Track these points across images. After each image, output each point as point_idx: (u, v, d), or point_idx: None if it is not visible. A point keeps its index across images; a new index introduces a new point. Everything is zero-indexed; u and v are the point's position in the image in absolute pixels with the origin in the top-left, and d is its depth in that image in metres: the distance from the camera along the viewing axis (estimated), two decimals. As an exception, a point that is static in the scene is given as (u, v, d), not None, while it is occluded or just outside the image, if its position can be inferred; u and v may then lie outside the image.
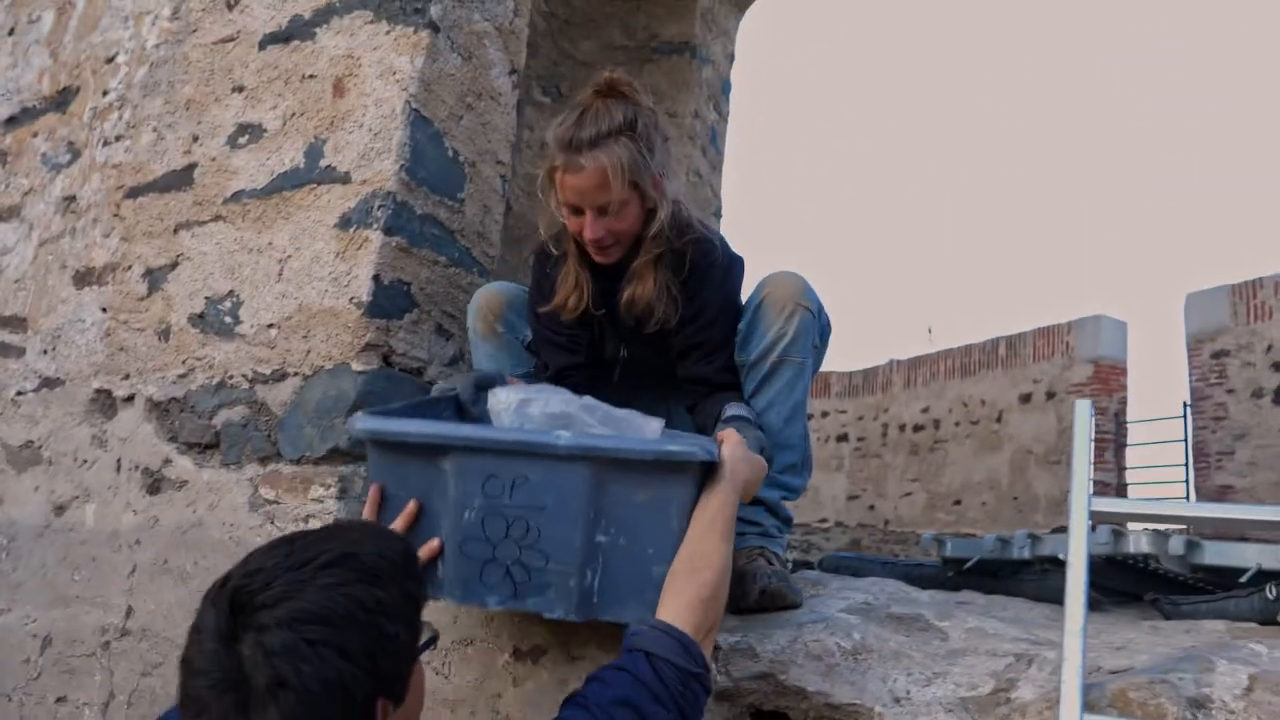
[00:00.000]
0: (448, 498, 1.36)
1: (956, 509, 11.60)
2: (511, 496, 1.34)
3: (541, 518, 1.34)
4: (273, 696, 0.86)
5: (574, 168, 1.63)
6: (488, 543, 1.35)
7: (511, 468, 1.34)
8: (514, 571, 1.36)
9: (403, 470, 1.38)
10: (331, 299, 2.00)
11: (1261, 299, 9.33)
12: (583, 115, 1.65)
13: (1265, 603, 1.99)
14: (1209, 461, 9.47)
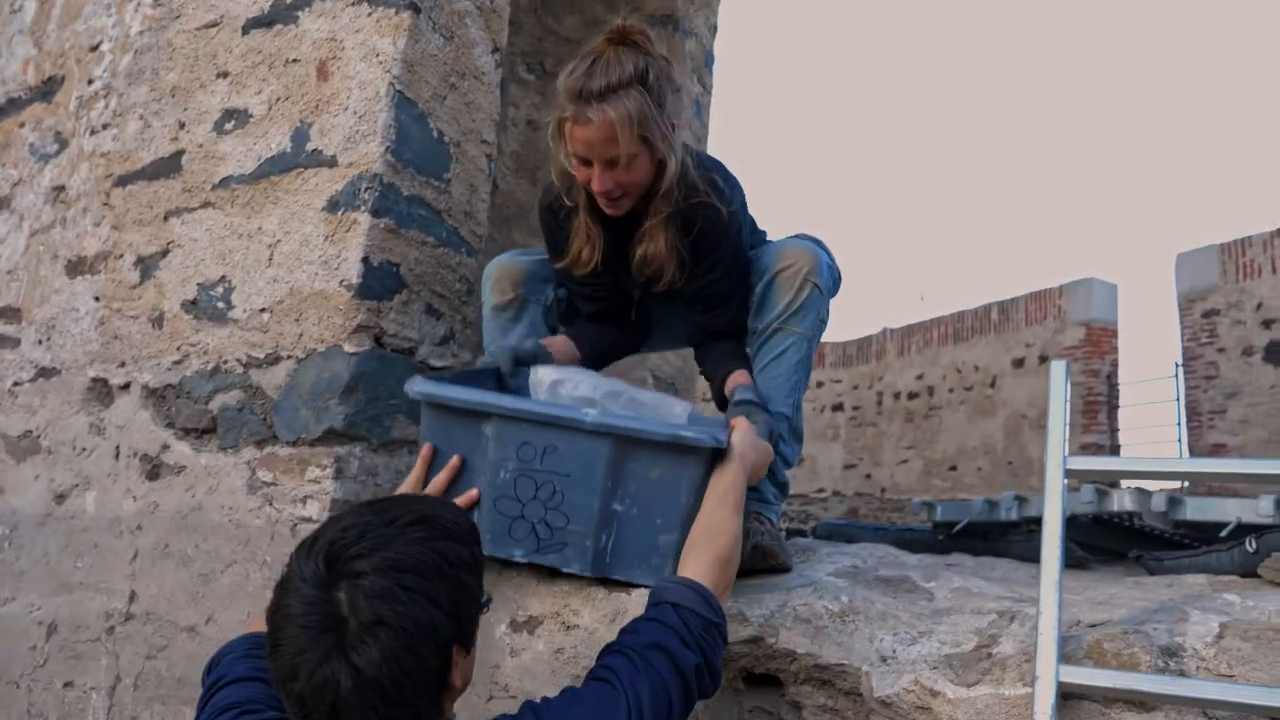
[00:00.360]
0: (487, 458, 1.53)
1: (952, 475, 11.68)
2: (542, 462, 1.51)
3: (566, 483, 1.51)
4: (373, 634, 0.94)
5: (583, 120, 1.63)
6: (518, 501, 1.53)
7: (543, 436, 1.50)
8: (539, 529, 1.54)
9: (451, 431, 1.56)
10: (322, 282, 2.02)
11: (1250, 257, 9.36)
12: (594, 64, 1.64)
13: (1245, 555, 2.03)
14: (1201, 421, 9.54)
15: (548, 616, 1.58)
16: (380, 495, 1.97)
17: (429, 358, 2.10)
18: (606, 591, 1.55)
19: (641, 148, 1.67)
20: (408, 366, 2.05)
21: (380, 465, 1.98)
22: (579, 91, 1.63)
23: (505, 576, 1.65)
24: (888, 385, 12.95)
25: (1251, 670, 1.18)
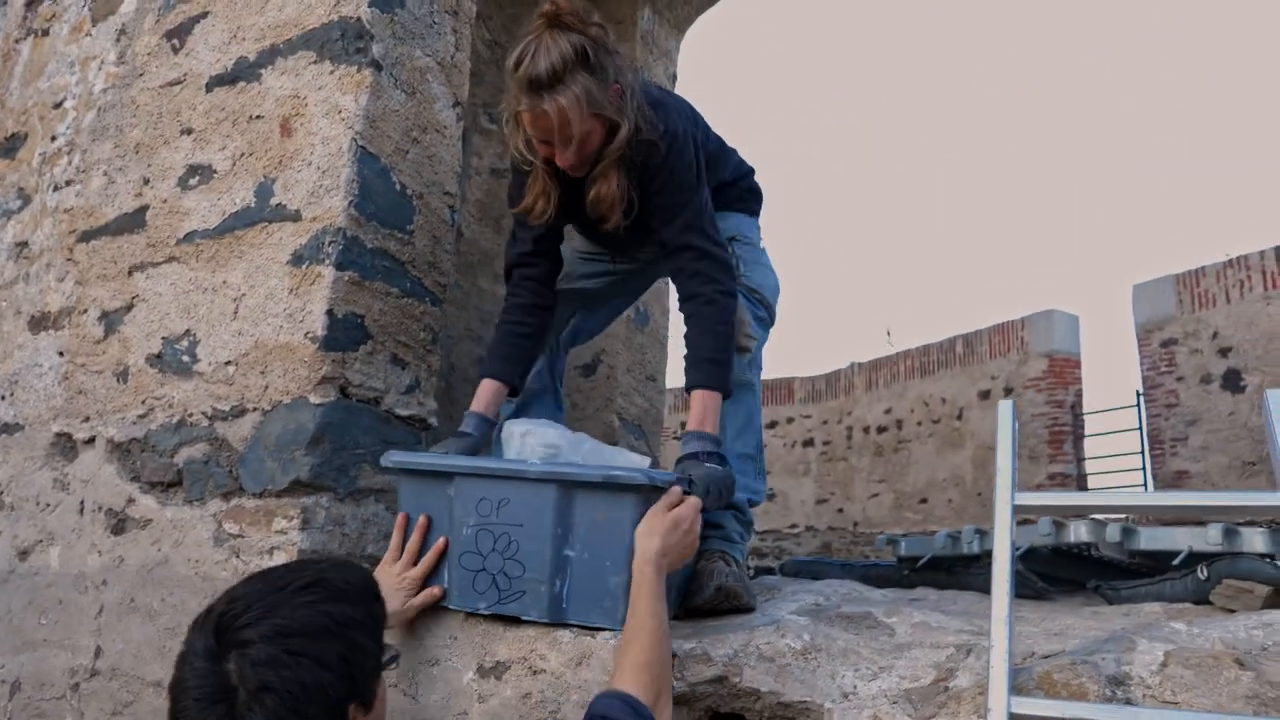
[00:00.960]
0: (452, 517, 1.65)
1: (923, 507, 11.77)
2: (498, 514, 1.61)
3: (520, 533, 1.59)
4: (260, 701, 0.97)
5: (538, 111, 1.74)
6: (479, 555, 1.62)
7: (498, 490, 1.61)
8: (499, 580, 1.61)
9: (422, 498, 1.69)
10: (287, 334, 2.04)
11: (1204, 287, 9.60)
12: (536, 53, 1.72)
13: (1197, 583, 2.08)
14: (1164, 448, 9.71)
15: (514, 661, 1.59)
16: (348, 545, 1.98)
17: (395, 407, 2.12)
18: (572, 635, 1.57)
19: (594, 122, 1.78)
20: (374, 416, 2.07)
21: (347, 515, 1.99)
22: (529, 83, 1.72)
23: (471, 623, 1.66)
24: (857, 420, 13.06)
25: (1194, 696, 1.22)
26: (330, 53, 2.19)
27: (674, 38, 3.86)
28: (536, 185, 1.93)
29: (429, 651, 1.69)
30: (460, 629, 1.67)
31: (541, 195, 1.94)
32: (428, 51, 2.32)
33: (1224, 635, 1.40)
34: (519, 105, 1.77)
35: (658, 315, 3.47)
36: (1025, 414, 10.87)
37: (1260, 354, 8.98)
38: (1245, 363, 9.10)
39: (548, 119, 1.74)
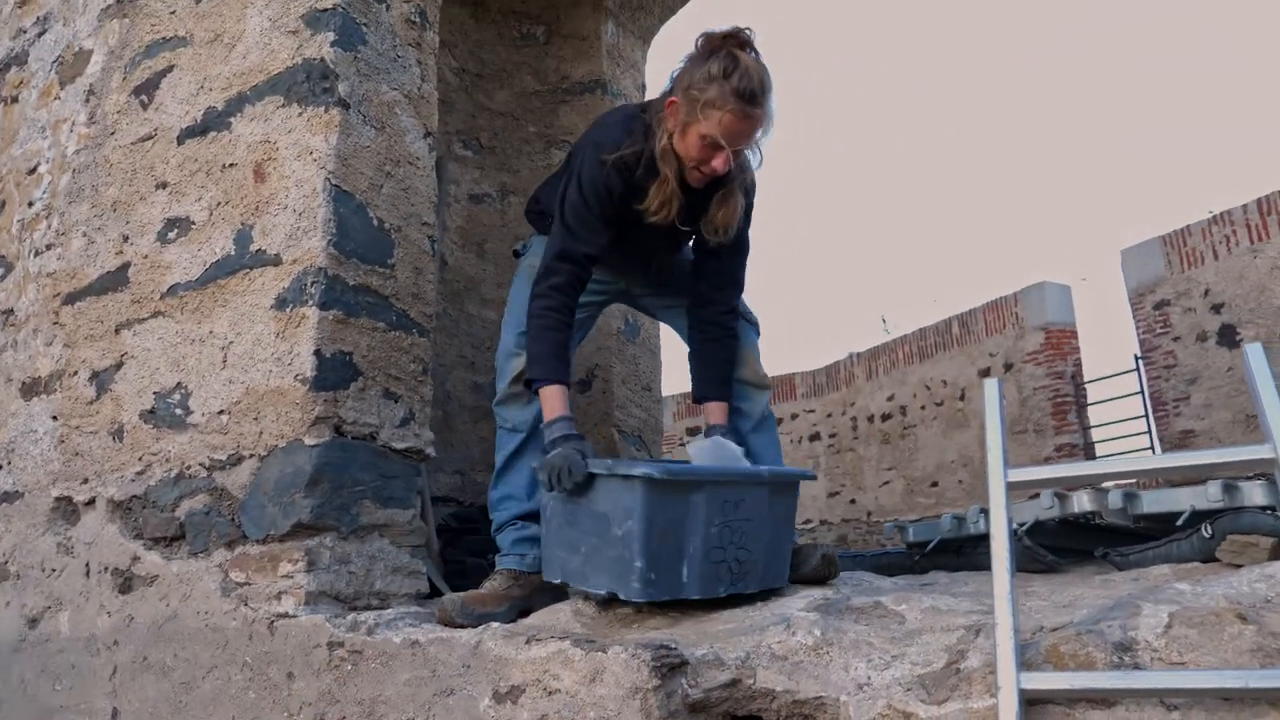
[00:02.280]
0: (699, 520, 1.86)
1: (935, 490, 11.76)
2: (736, 512, 1.92)
3: (749, 525, 1.94)
4: None
5: (745, 116, 1.94)
6: (721, 549, 1.89)
7: (736, 492, 1.93)
8: (732, 566, 1.91)
9: (663, 505, 1.82)
10: (277, 379, 2.05)
11: (1192, 246, 9.61)
12: (749, 69, 1.93)
13: (1203, 542, 2.09)
14: (1167, 409, 9.70)
15: (529, 684, 1.60)
16: (355, 583, 1.98)
17: (391, 441, 2.13)
18: (584, 652, 1.57)
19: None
20: (370, 452, 2.07)
21: (352, 553, 2.00)
22: (743, 93, 1.92)
23: (483, 650, 1.67)
24: (861, 409, 13.06)
25: (1200, 655, 1.23)
26: (297, 95, 2.21)
27: (640, 49, 3.88)
28: (666, 189, 2.04)
29: (443, 682, 1.69)
30: (473, 657, 1.67)
31: (670, 199, 2.05)
32: (394, 85, 2.34)
33: (1227, 591, 1.40)
34: (726, 106, 1.91)
35: (648, 325, 3.48)
36: (1027, 388, 10.87)
37: (1253, 307, 8.99)
38: (1239, 317, 9.10)
39: (751, 125, 1.96)
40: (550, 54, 3.66)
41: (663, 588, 1.81)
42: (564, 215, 2.09)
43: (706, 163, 1.99)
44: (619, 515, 1.83)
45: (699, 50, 2.02)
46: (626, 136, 2.07)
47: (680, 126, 1.99)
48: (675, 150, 2.02)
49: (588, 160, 2.09)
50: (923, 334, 12.40)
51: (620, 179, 2.07)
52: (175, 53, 2.52)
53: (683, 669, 1.53)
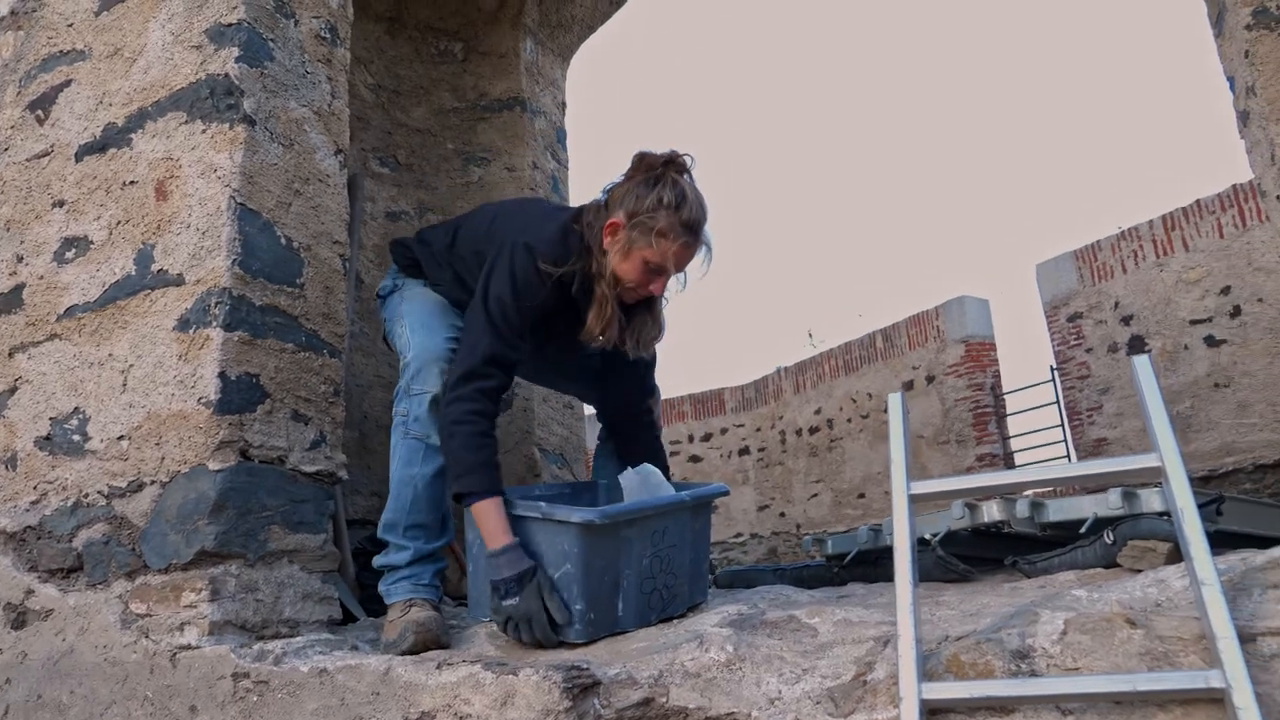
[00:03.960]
0: (632, 554, 1.91)
1: (861, 502, 11.94)
2: (664, 540, 1.98)
3: (674, 552, 2.00)
4: None
5: (691, 245, 2.04)
6: (652, 578, 1.95)
7: (662, 522, 1.98)
8: (663, 594, 1.97)
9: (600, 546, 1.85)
10: (180, 402, 1.99)
11: (1103, 260, 9.97)
12: (692, 199, 2.02)
13: (1105, 548, 2.16)
14: (1082, 419, 10.02)
15: (439, 710, 1.57)
16: (263, 611, 1.93)
17: (300, 464, 2.08)
18: (495, 676, 1.56)
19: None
20: (279, 476, 2.02)
21: (260, 580, 1.94)
22: (692, 224, 2.02)
23: (393, 677, 1.64)
24: (789, 423, 13.20)
25: (1093, 660, 1.26)
26: (201, 111, 2.16)
27: (559, 66, 3.89)
28: (608, 311, 2.05)
29: (352, 711, 1.65)
30: (382, 684, 1.64)
31: (612, 320, 2.06)
32: (303, 102, 2.30)
33: (1120, 596, 1.45)
34: (675, 237, 1.99)
35: (569, 342, 3.47)
36: (949, 400, 11.13)
37: (1159, 319, 9.36)
38: (1146, 328, 9.46)
39: (694, 253, 2.06)
40: (468, 71, 3.65)
41: (601, 625, 1.84)
42: (491, 314, 2.02)
43: (645, 286, 2.04)
44: (555, 558, 1.85)
45: (639, 172, 2.06)
46: (567, 252, 2.07)
47: (624, 250, 2.01)
48: (615, 271, 2.04)
49: (522, 263, 2.04)
50: (848, 348, 12.61)
51: (555, 293, 2.06)
52: (74, 66, 2.44)
53: (595, 689, 1.52)
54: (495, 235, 2.15)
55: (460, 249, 2.24)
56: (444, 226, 2.38)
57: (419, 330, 2.19)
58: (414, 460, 2.08)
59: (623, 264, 2.02)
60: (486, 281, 2.06)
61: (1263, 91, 2.64)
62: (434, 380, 2.10)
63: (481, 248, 2.17)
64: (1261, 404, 8.46)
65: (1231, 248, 8.84)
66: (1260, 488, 8.38)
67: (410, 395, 2.11)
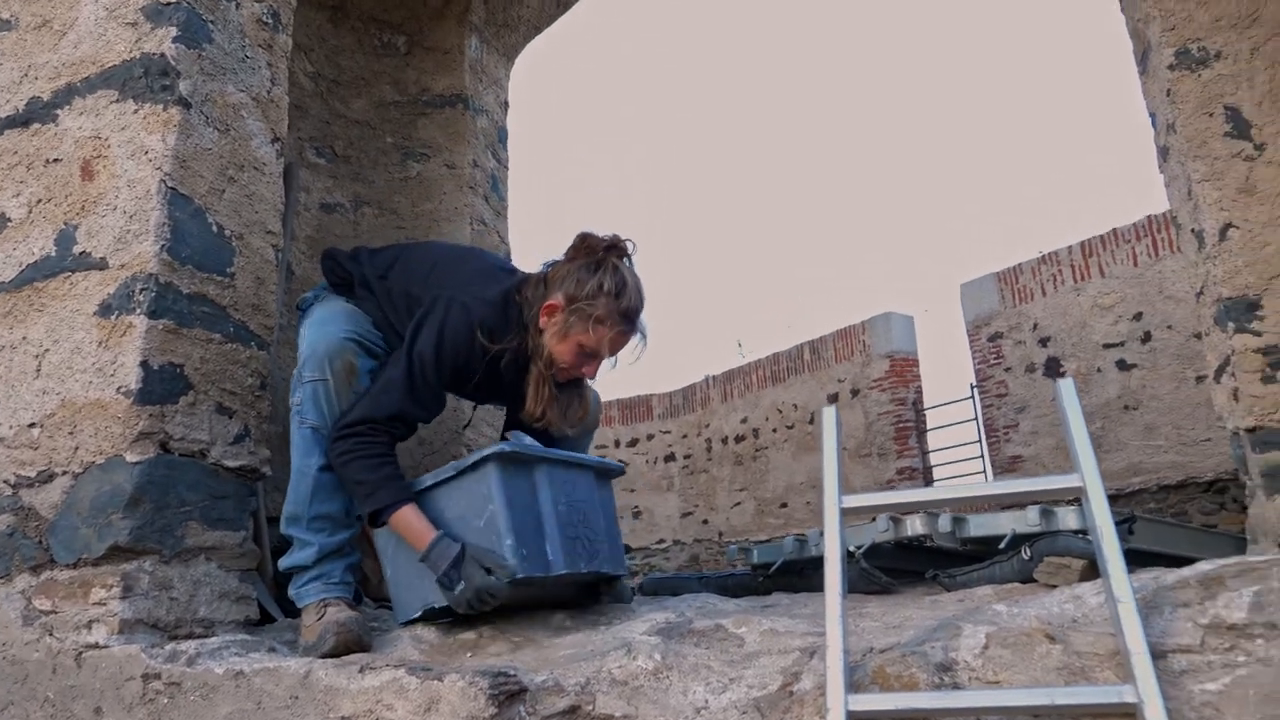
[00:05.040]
0: (547, 497, 1.96)
1: (784, 511, 12.09)
2: (575, 493, 2.04)
3: (587, 507, 2.07)
4: None
5: (628, 333, 2.08)
6: (572, 525, 2.00)
7: (571, 474, 2.06)
8: (586, 544, 2.02)
9: (517, 482, 1.91)
10: (98, 390, 1.92)
11: (1023, 283, 10.29)
12: (632, 287, 2.05)
13: (1023, 564, 2.22)
14: (999, 436, 10.32)
15: (360, 715, 1.54)
16: (177, 610, 1.87)
17: (223, 458, 2.02)
18: (419, 681, 1.53)
19: None
20: (200, 470, 1.96)
21: (175, 577, 1.88)
22: (630, 313, 2.05)
23: (312, 680, 1.60)
24: (715, 431, 13.31)
25: (1013, 674, 1.30)
26: (133, 91, 2.08)
27: (503, 65, 3.87)
28: (545, 390, 2.08)
29: (268, 715, 1.61)
30: (301, 688, 1.60)
31: (550, 399, 2.09)
32: (241, 87, 2.24)
33: (1040, 612, 1.49)
34: (612, 325, 2.02)
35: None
36: (872, 413, 11.35)
37: (1075, 341, 9.70)
38: (1062, 350, 9.80)
39: (629, 339, 2.09)
40: (411, 65, 3.60)
41: (535, 563, 1.87)
42: (412, 369, 1.99)
43: (578, 368, 2.07)
44: (477, 506, 1.89)
45: (581, 254, 2.07)
46: (506, 324, 2.06)
47: (560, 333, 2.02)
48: (551, 353, 2.05)
49: (454, 323, 2.01)
50: (776, 359, 12.77)
51: (483, 359, 2.04)
52: (-4, 36, 2.34)
53: (521, 696, 1.51)
54: (434, 283, 2.12)
55: (393, 283, 2.18)
56: (383, 252, 2.32)
57: (315, 326, 2.15)
58: (310, 450, 2.02)
59: (558, 346, 2.04)
60: (415, 333, 2.03)
61: (1182, 129, 2.76)
62: (324, 368, 2.05)
63: (416, 291, 2.13)
64: (1168, 427, 8.83)
65: (1144, 276, 9.21)
66: (1164, 507, 8.74)
67: (302, 383, 2.06)
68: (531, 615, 2.01)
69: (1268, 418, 2.44)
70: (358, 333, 2.13)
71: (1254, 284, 2.52)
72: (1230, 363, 2.57)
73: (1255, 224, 2.57)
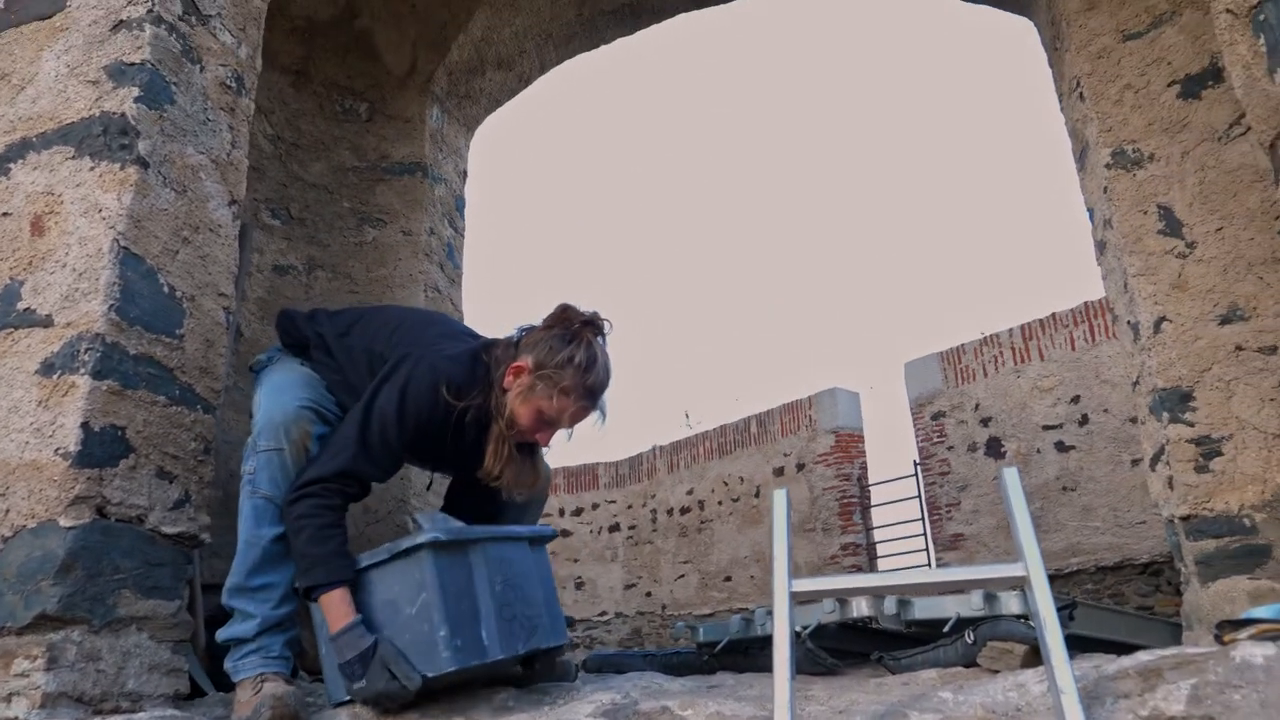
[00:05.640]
0: (483, 578, 1.92)
1: (728, 585, 12.02)
2: (511, 570, 2.01)
3: (525, 581, 2.04)
4: None
5: (589, 409, 2.08)
6: (509, 604, 1.96)
7: (506, 550, 2.03)
8: (523, 624, 1.98)
9: (453, 567, 1.87)
10: (34, 451, 1.86)
11: (965, 363, 10.53)
12: (601, 364, 2.06)
13: (966, 647, 2.24)
14: (941, 514, 10.43)
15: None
16: (104, 683, 1.79)
17: (161, 524, 1.97)
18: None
19: None
20: (136, 536, 1.91)
21: (104, 648, 1.81)
22: (595, 389, 2.06)
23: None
24: (661, 502, 13.26)
25: (959, 764, 1.30)
26: (91, 149, 2.07)
27: (464, 136, 3.92)
28: (505, 450, 2.06)
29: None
30: None
31: (509, 460, 2.07)
32: (201, 149, 2.24)
33: (984, 700, 1.50)
34: (575, 400, 2.03)
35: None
36: (817, 488, 11.41)
37: (1015, 422, 9.90)
38: (1003, 431, 9.99)
39: (589, 415, 2.09)
40: (372, 132, 3.63)
41: (470, 653, 1.81)
42: (369, 427, 1.98)
43: (533, 433, 2.07)
44: (410, 592, 1.83)
45: (557, 324, 2.09)
46: (474, 382, 2.06)
47: (523, 395, 2.03)
48: (512, 413, 2.05)
49: (419, 383, 2.01)
50: (723, 431, 12.82)
51: (444, 417, 2.03)
52: (-49, 88, 2.31)
53: (463, 780, 1.47)
54: (398, 342, 2.12)
55: (353, 341, 2.18)
56: (342, 314, 2.32)
57: (270, 394, 2.12)
58: (261, 520, 1.99)
59: (520, 407, 2.04)
60: (376, 390, 2.01)
61: (1118, 225, 2.88)
62: (280, 438, 2.03)
63: (379, 349, 2.12)
64: (1104, 508, 9.01)
65: (1082, 360, 9.48)
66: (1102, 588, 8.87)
67: (257, 452, 2.03)
68: (474, 694, 1.96)
69: (1201, 506, 2.51)
70: (314, 400, 2.10)
71: (1187, 376, 2.61)
72: (1165, 452, 2.65)
73: (1188, 318, 2.68)
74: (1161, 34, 2.92)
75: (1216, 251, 2.65)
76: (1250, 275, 2.57)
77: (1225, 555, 2.42)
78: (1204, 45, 2.83)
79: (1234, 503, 2.43)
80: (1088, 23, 3.06)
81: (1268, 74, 1.64)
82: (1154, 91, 2.88)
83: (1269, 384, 2.47)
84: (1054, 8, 3.22)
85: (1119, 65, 2.96)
